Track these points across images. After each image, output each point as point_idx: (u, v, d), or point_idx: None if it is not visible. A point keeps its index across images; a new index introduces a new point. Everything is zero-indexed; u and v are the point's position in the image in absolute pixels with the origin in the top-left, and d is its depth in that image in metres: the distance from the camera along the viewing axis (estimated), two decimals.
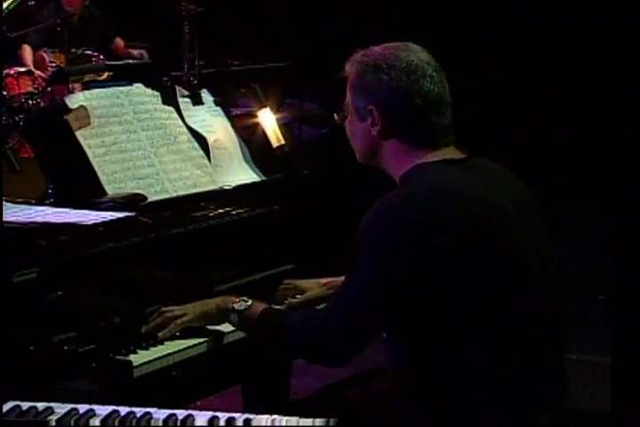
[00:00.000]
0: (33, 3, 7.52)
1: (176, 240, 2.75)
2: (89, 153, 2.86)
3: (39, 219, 2.61)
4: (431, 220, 2.20)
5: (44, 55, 7.25)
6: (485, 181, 2.33)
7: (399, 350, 2.33)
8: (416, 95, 2.32)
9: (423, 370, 2.29)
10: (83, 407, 1.93)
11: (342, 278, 2.80)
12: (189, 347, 2.52)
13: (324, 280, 2.82)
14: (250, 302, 2.51)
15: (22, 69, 6.85)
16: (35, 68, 7.02)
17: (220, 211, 2.95)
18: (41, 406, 1.94)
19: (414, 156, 2.35)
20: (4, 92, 6.31)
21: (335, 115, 2.54)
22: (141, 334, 2.53)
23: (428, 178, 2.30)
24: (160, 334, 2.53)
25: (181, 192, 2.99)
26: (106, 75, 5.82)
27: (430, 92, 2.33)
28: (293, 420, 1.87)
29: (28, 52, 7.22)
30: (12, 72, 6.73)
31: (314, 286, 2.81)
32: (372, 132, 2.38)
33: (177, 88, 3.25)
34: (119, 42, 7.71)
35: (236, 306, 2.51)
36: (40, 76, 6.83)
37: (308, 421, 1.86)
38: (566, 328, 2.38)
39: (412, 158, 2.35)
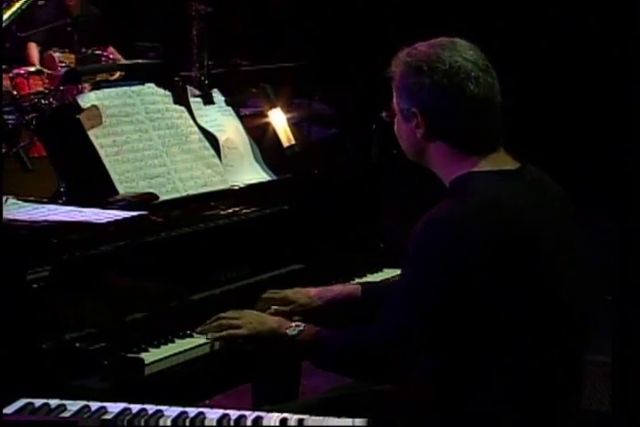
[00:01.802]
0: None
1: (186, 239, 2.76)
2: (101, 152, 2.88)
3: (52, 217, 2.62)
4: (482, 235, 2.18)
5: (54, 55, 7.26)
6: (535, 194, 2.30)
7: (428, 363, 2.32)
8: (458, 99, 2.26)
9: (451, 383, 2.29)
10: (95, 405, 1.94)
11: (333, 287, 2.82)
12: (200, 345, 2.53)
13: (313, 291, 2.78)
14: (302, 327, 2.46)
15: (32, 69, 6.87)
16: (43, 66, 7.04)
17: (231, 210, 2.96)
18: (53, 403, 1.94)
19: (464, 161, 2.30)
20: (15, 92, 6.32)
21: (383, 113, 2.48)
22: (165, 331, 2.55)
23: (481, 190, 2.25)
24: (208, 336, 2.54)
25: (192, 191, 3.00)
26: (117, 74, 5.83)
27: (474, 95, 2.26)
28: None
29: (34, 49, 7.23)
30: (22, 72, 6.74)
31: (302, 296, 2.76)
32: (417, 134, 2.32)
33: (188, 88, 3.26)
34: (112, 50, 7.63)
35: (288, 331, 2.46)
36: (50, 75, 6.84)
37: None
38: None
39: (463, 164, 2.30)
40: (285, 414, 1.90)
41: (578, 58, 7.24)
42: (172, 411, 1.92)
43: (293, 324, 2.50)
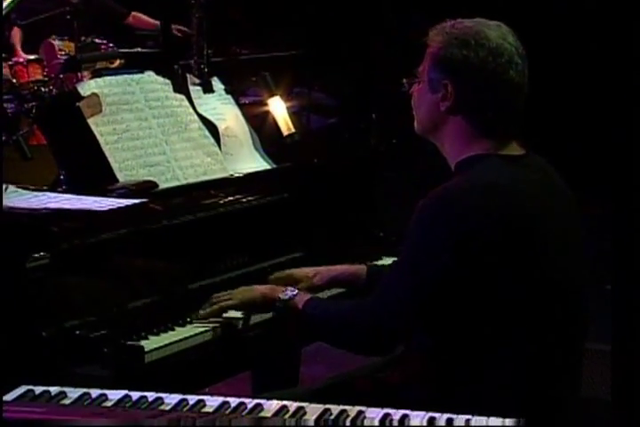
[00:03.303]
0: None
1: (186, 227, 2.76)
2: (101, 140, 2.88)
3: (52, 205, 2.62)
4: (481, 213, 2.19)
5: (54, 43, 7.25)
6: (537, 181, 2.31)
7: (423, 341, 2.33)
8: (498, 79, 2.26)
9: (447, 359, 2.29)
10: (95, 392, 1.94)
11: (338, 266, 2.82)
12: (200, 333, 2.54)
13: (318, 269, 2.79)
14: (295, 292, 2.51)
15: (32, 57, 6.86)
16: (44, 55, 7.03)
17: (230, 198, 2.96)
18: (54, 390, 1.95)
19: (476, 143, 2.30)
20: (14, 80, 6.32)
21: (404, 80, 2.45)
22: (161, 318, 2.55)
23: (485, 172, 2.26)
24: (201, 312, 2.57)
25: (192, 180, 3.00)
26: (117, 62, 5.82)
27: (512, 79, 2.27)
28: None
29: (16, 31, 7.21)
30: (21, 60, 6.73)
31: (308, 274, 2.78)
32: (441, 106, 2.32)
33: (188, 76, 3.26)
34: (137, 15, 7.62)
35: (281, 295, 2.50)
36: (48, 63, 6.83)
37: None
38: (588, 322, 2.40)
39: (474, 146, 2.31)
40: (285, 402, 1.91)
41: (577, 41, 7.23)
42: (172, 398, 1.92)
43: (287, 289, 2.53)
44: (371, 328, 2.32)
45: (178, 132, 3.05)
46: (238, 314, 2.62)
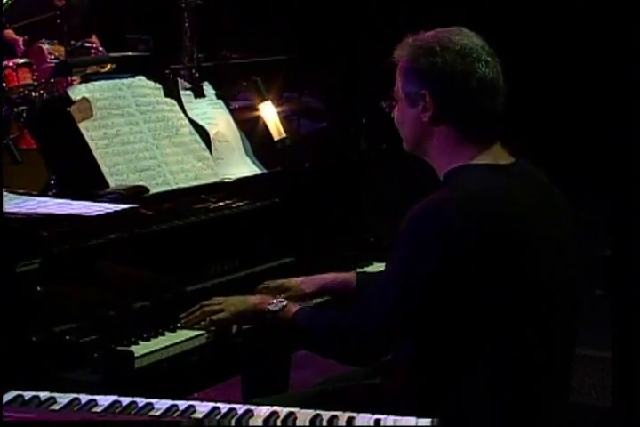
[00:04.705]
0: None
1: (177, 232, 2.76)
2: (91, 145, 2.87)
3: (42, 210, 2.61)
4: (466, 227, 2.19)
5: (43, 47, 7.23)
6: (524, 189, 2.31)
7: (409, 348, 2.34)
8: (471, 78, 2.28)
9: (432, 366, 2.30)
10: (84, 398, 1.94)
11: (327, 275, 2.83)
12: (190, 338, 2.54)
13: (307, 278, 2.81)
14: (285, 303, 2.51)
15: (21, 61, 6.84)
16: (33, 59, 7.01)
17: (221, 203, 2.96)
18: (43, 395, 1.94)
19: (464, 151, 2.31)
20: (4, 84, 6.30)
21: (382, 103, 2.47)
22: (156, 322, 2.55)
23: (472, 182, 2.27)
24: (196, 327, 2.56)
25: (183, 184, 3.00)
26: (108, 67, 5.81)
27: (485, 75, 2.29)
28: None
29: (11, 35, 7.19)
30: (10, 64, 6.72)
31: (297, 283, 2.79)
32: (423, 118, 2.33)
33: (179, 81, 3.26)
34: (94, 40, 7.66)
35: (270, 307, 2.51)
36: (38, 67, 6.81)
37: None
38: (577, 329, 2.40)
39: (462, 155, 2.31)
40: (276, 408, 1.91)
41: (576, 40, 7.21)
42: (162, 404, 1.92)
43: (275, 300, 2.54)
44: (357, 338, 2.33)
45: (169, 137, 3.05)
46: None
